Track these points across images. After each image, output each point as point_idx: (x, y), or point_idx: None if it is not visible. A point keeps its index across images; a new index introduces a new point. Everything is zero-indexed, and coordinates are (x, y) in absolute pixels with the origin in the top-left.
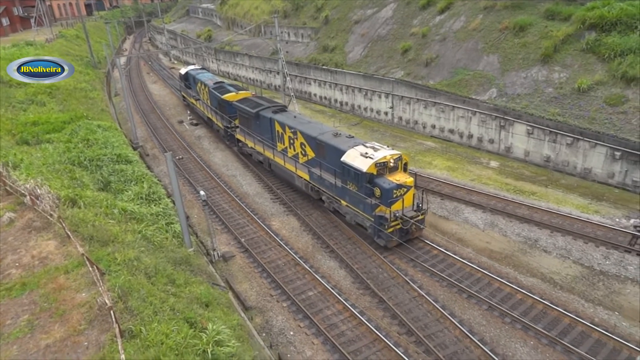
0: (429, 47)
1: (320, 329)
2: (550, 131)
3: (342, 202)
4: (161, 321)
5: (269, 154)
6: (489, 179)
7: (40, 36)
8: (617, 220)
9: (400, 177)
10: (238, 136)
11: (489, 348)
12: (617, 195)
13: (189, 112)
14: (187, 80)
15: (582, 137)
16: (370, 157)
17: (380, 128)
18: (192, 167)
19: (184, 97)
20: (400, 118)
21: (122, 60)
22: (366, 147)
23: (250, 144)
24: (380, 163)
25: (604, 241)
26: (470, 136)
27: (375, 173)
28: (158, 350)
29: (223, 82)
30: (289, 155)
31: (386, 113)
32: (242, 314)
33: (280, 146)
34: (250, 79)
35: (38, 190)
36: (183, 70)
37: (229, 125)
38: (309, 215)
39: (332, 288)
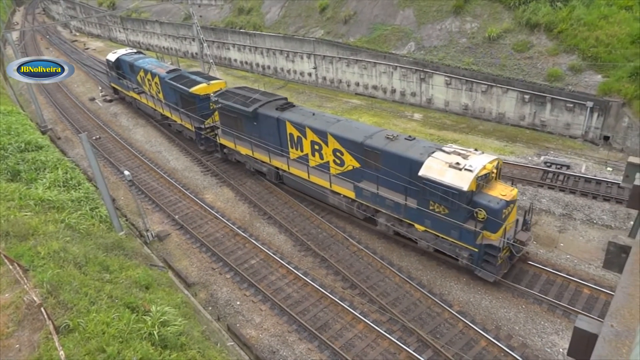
0: (346, 4)
1: (266, 294)
2: (467, 80)
3: (418, 227)
4: (99, 310)
5: (278, 163)
6: (413, 131)
7: None
8: (530, 158)
9: (505, 191)
10: (222, 141)
11: (427, 290)
12: (528, 135)
13: (100, 88)
14: (120, 68)
15: (495, 84)
16: (468, 170)
17: (306, 89)
18: (112, 147)
19: (115, 89)
20: (325, 78)
21: (15, 35)
22: (447, 153)
23: (244, 150)
24: (481, 177)
25: (520, 179)
26: (394, 91)
27: (475, 189)
28: (100, 340)
29: (180, 70)
30: (312, 165)
31: (310, 74)
32: (185, 291)
33: (294, 153)
34: (164, 47)
35: None
36: (112, 57)
37: (202, 126)
38: (243, 185)
39: (273, 254)
